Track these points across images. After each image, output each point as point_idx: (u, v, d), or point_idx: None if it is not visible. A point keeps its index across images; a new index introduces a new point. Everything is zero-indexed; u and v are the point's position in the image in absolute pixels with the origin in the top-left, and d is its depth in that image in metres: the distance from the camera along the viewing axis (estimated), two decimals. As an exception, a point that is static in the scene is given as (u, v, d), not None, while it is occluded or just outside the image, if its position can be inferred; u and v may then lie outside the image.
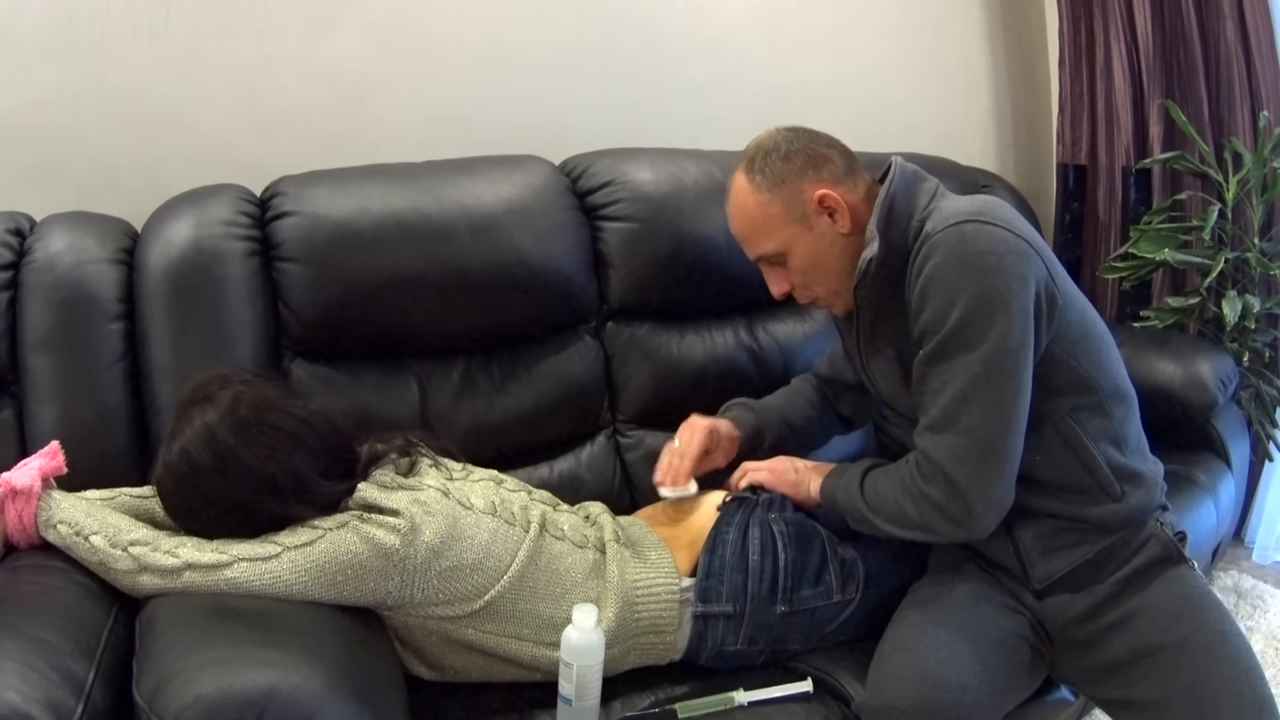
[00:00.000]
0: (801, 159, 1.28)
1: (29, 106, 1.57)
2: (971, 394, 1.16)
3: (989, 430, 1.16)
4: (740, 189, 1.31)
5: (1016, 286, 1.15)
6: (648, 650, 1.31)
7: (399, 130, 1.84)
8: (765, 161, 1.29)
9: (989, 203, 1.21)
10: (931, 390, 1.20)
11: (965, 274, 1.15)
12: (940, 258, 1.17)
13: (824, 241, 1.29)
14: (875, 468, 1.31)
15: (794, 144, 1.29)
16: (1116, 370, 1.29)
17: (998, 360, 1.15)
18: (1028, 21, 2.56)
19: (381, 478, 1.25)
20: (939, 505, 1.19)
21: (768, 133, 1.33)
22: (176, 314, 1.43)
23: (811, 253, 1.30)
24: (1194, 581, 1.25)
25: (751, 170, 1.30)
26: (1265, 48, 2.15)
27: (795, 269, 1.32)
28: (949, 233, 1.17)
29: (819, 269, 1.31)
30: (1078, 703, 1.43)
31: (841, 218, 1.28)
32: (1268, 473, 2.37)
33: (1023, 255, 1.16)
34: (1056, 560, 1.26)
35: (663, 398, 1.75)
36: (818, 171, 1.28)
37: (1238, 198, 2.16)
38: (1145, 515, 1.26)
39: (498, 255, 1.59)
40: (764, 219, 1.29)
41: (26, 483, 1.15)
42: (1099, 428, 1.24)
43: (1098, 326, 1.28)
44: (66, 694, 0.93)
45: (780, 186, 1.28)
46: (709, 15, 2.13)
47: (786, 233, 1.29)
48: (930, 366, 1.19)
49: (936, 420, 1.19)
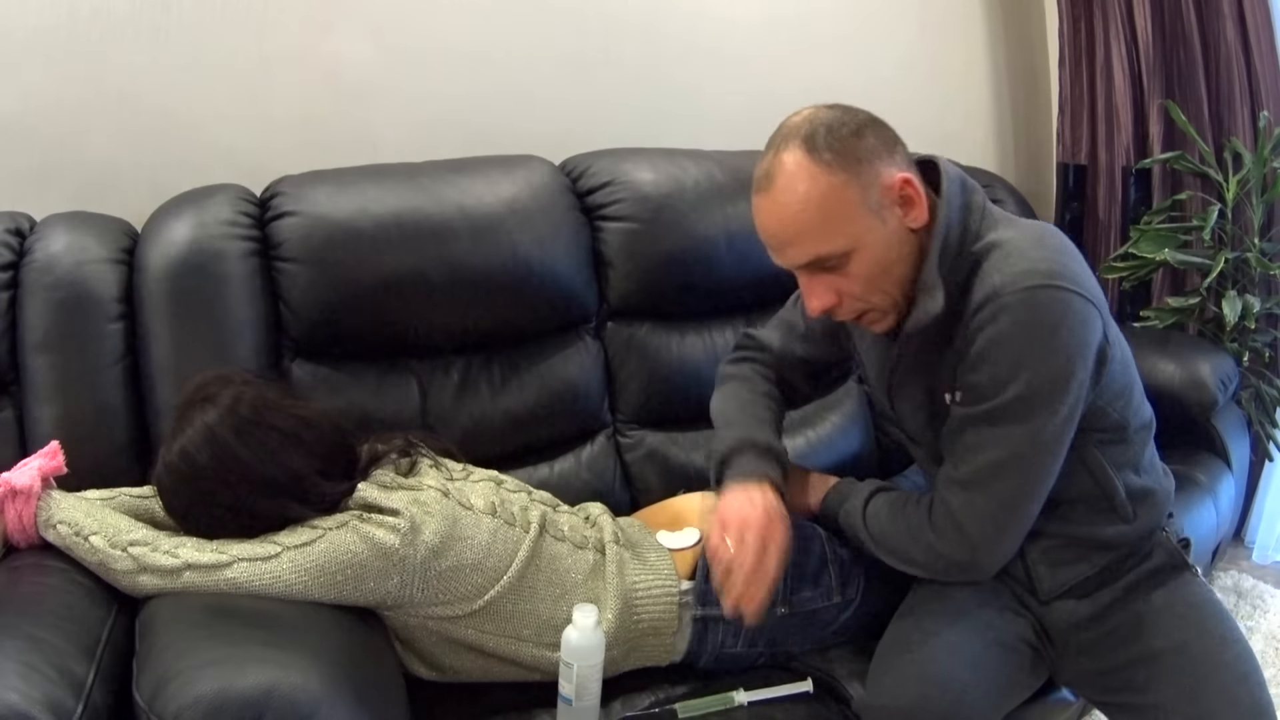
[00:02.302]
0: (874, 137, 1.10)
1: (29, 107, 1.57)
2: (1010, 465, 1.13)
3: (1018, 499, 1.15)
4: (800, 172, 1.08)
5: (1078, 363, 1.09)
6: (647, 652, 1.31)
7: (399, 130, 1.84)
8: (833, 138, 1.08)
9: (1059, 252, 1.11)
10: (968, 445, 1.15)
11: (1032, 349, 1.07)
12: (1008, 325, 1.07)
13: (895, 238, 1.11)
14: (879, 493, 1.29)
15: (860, 120, 1.10)
16: (1143, 401, 1.26)
17: (1043, 438, 1.11)
18: (1028, 21, 2.56)
19: (381, 478, 1.25)
20: (945, 556, 1.18)
21: (813, 110, 1.12)
22: (176, 314, 1.43)
23: (882, 252, 1.10)
24: (1197, 587, 1.25)
25: (815, 148, 1.08)
26: (1265, 48, 2.15)
27: (859, 273, 1.11)
28: (1022, 298, 1.07)
29: (886, 273, 1.12)
30: (1078, 703, 1.43)
31: (920, 208, 1.11)
32: (1268, 473, 2.37)
33: (1090, 324, 1.09)
34: (1063, 574, 1.26)
35: (663, 398, 1.75)
36: (892, 155, 1.10)
37: (1238, 198, 2.16)
38: (1154, 530, 1.26)
39: (498, 255, 1.59)
40: (837, 206, 1.08)
41: (26, 483, 1.15)
42: (1122, 456, 1.23)
43: (1131, 366, 1.23)
44: (66, 694, 0.93)
45: (858, 166, 1.07)
46: (709, 16, 2.13)
47: (860, 225, 1.09)
48: (971, 425, 1.14)
49: (967, 478, 1.15)
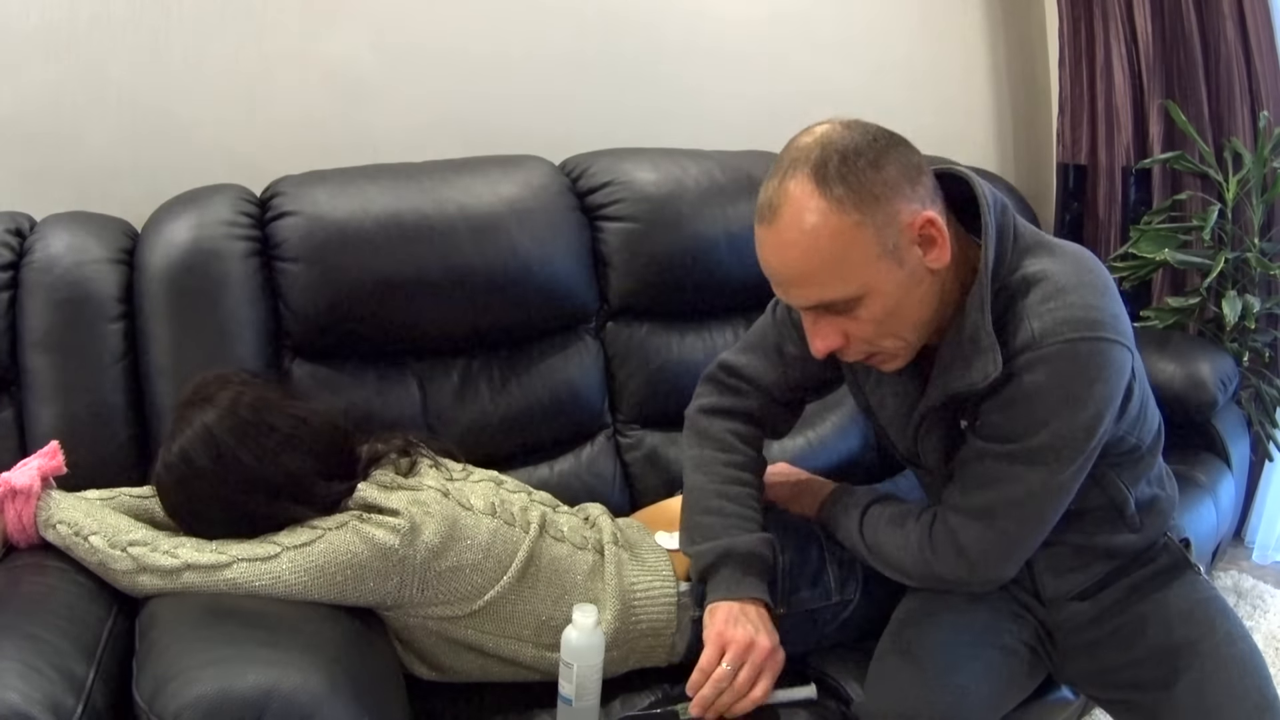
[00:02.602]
0: (896, 169, 0.97)
1: (29, 107, 1.57)
2: (1022, 503, 1.11)
3: (1024, 533, 1.14)
4: (807, 208, 0.96)
5: (1107, 412, 1.06)
6: (647, 653, 1.31)
7: (399, 130, 1.84)
8: (847, 169, 0.95)
9: (1097, 291, 1.04)
10: (981, 478, 1.12)
11: (1065, 401, 1.03)
12: (1045, 377, 1.02)
13: (911, 281, 1.00)
14: (876, 503, 1.28)
15: (879, 147, 0.98)
16: (1156, 419, 1.24)
17: (1060, 481, 1.10)
18: (1028, 22, 2.56)
19: (381, 478, 1.25)
20: (942, 576, 1.18)
21: (828, 128, 0.99)
22: (176, 314, 1.43)
23: (897, 296, 1.00)
24: (1200, 585, 1.25)
25: (826, 180, 0.95)
26: (1265, 48, 2.15)
27: (869, 319, 1.01)
28: (1062, 350, 1.01)
29: (899, 318, 1.02)
30: (1078, 702, 1.43)
31: (942, 249, 1.00)
32: (1268, 473, 2.37)
33: (1124, 372, 1.06)
34: (1068, 580, 1.26)
35: (663, 398, 1.75)
36: (914, 188, 0.98)
37: (1238, 198, 2.16)
38: (1158, 538, 1.26)
39: (498, 255, 1.59)
40: (848, 250, 0.96)
41: (26, 482, 1.15)
42: (1134, 474, 1.22)
43: (1146, 385, 1.19)
44: (66, 694, 0.93)
45: (875, 205, 0.96)
46: (710, 16, 2.13)
47: (873, 269, 0.97)
48: (991, 459, 1.10)
49: (975, 509, 1.13)
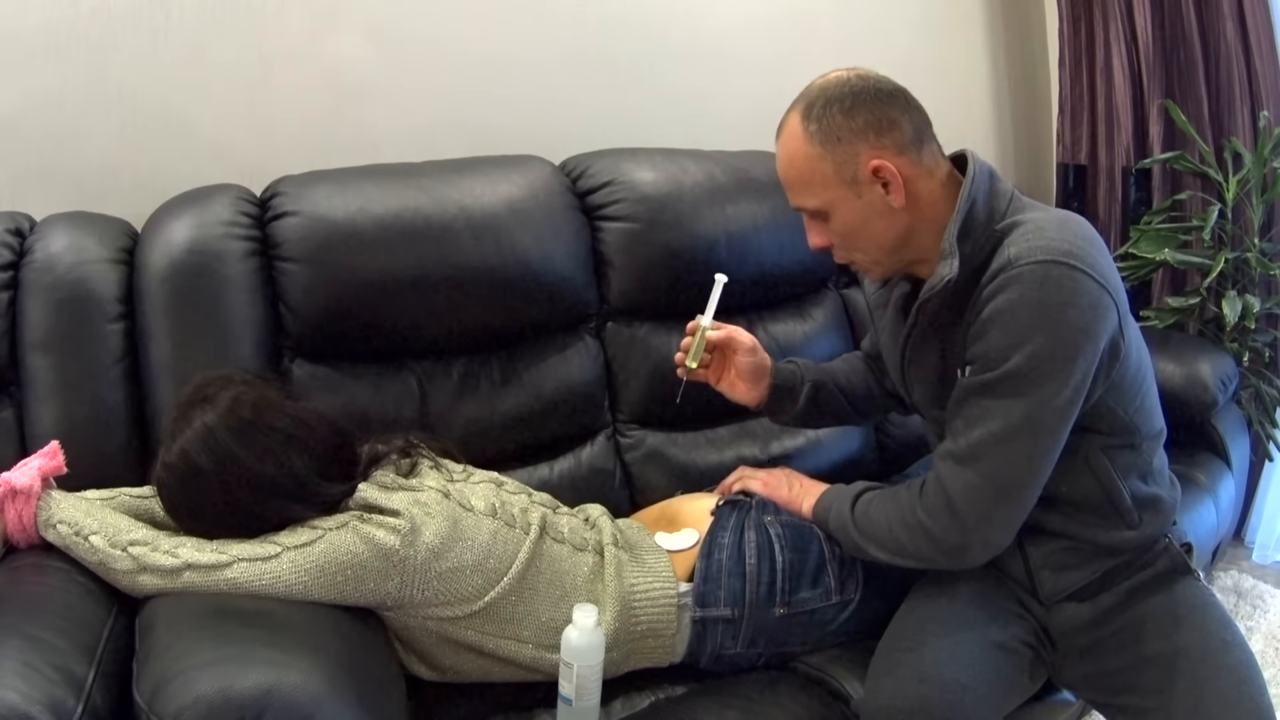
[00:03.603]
0: (864, 118, 1.15)
1: (29, 107, 1.57)
2: (1005, 440, 1.12)
3: (1011, 479, 1.14)
4: (792, 134, 1.19)
5: (1085, 345, 1.09)
6: (647, 653, 1.31)
7: (399, 130, 1.84)
8: (825, 112, 1.16)
9: (1079, 237, 1.12)
10: (966, 418, 1.15)
11: (1039, 322, 1.08)
12: (1017, 295, 1.09)
13: (871, 211, 1.18)
14: (868, 491, 1.30)
15: (861, 98, 1.16)
16: (1157, 410, 1.26)
17: (1041, 416, 1.10)
18: (1028, 21, 2.57)
19: (382, 478, 1.25)
20: (935, 537, 1.17)
21: (836, 74, 1.20)
22: (176, 314, 1.43)
23: (856, 220, 1.19)
24: (1198, 591, 1.25)
25: (808, 117, 1.17)
26: (1265, 48, 2.15)
27: (836, 230, 1.22)
28: (1034, 270, 1.09)
29: (861, 235, 1.21)
30: (1077, 705, 1.43)
31: (896, 192, 1.17)
32: (1268, 473, 2.38)
33: (1101, 310, 1.10)
34: (1066, 578, 1.26)
35: (663, 398, 1.75)
36: (879, 137, 1.16)
37: (1238, 198, 2.16)
38: (1158, 538, 1.26)
39: (498, 255, 1.59)
40: (810, 173, 1.18)
41: (26, 482, 1.15)
42: (1130, 462, 1.22)
43: (1148, 370, 1.23)
44: (66, 694, 0.92)
45: (835, 145, 1.16)
46: (710, 17, 2.13)
47: (833, 194, 1.18)
48: (972, 395, 1.14)
49: (962, 452, 1.15)
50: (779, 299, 1.88)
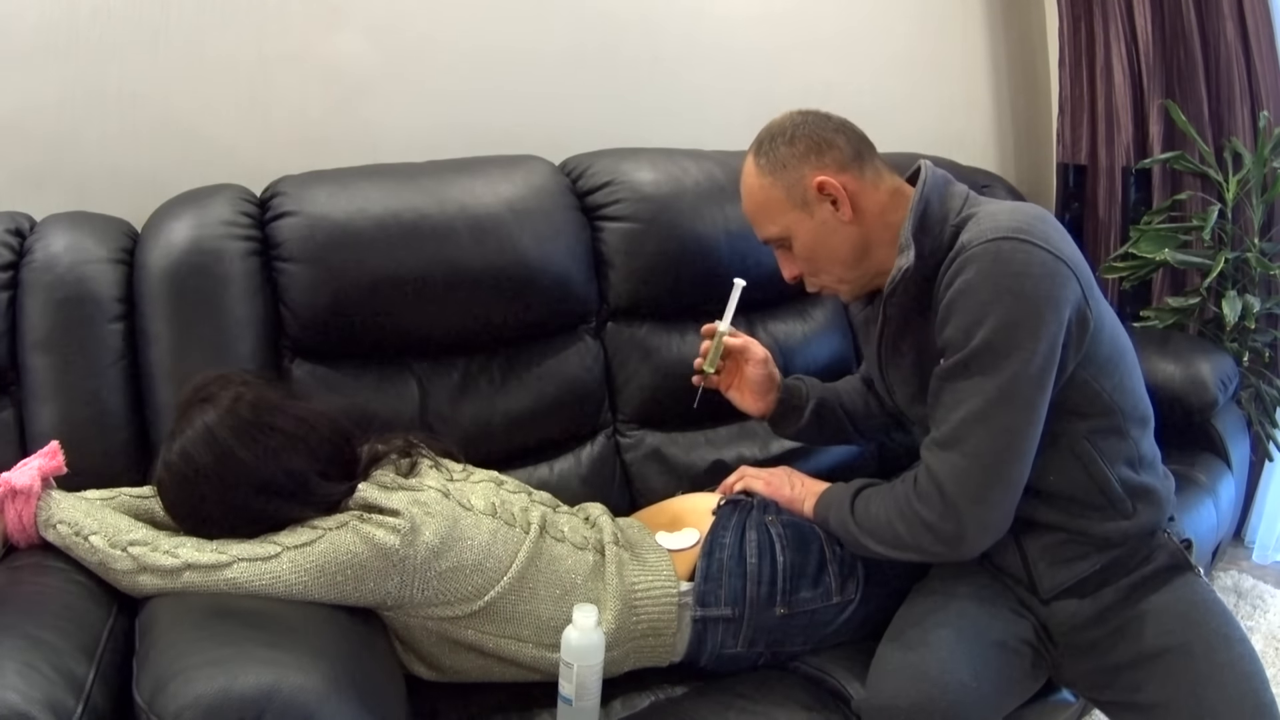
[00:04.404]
0: (805, 144, 1.26)
1: (29, 107, 1.57)
2: (983, 417, 1.14)
3: (995, 456, 1.15)
4: (748, 172, 1.31)
5: (1048, 313, 1.12)
6: (647, 653, 1.31)
7: (399, 130, 1.84)
8: (771, 145, 1.28)
9: (1030, 217, 1.17)
10: (945, 405, 1.18)
11: (996, 295, 1.12)
12: (973, 274, 1.13)
13: (825, 229, 1.27)
14: (867, 488, 1.31)
15: (800, 128, 1.28)
16: (1139, 393, 1.27)
17: (1015, 387, 1.12)
18: (1028, 21, 2.57)
19: (382, 478, 1.25)
20: (932, 526, 1.18)
21: (782, 115, 1.32)
22: (176, 314, 1.43)
23: (812, 239, 1.28)
24: (1199, 588, 1.25)
25: (759, 154, 1.29)
26: (1265, 48, 2.15)
27: (800, 254, 1.31)
28: (985, 248, 1.13)
29: (821, 255, 1.29)
30: (1078, 704, 1.43)
31: (844, 206, 1.25)
32: (1268, 473, 2.38)
33: (1059, 279, 1.13)
34: (1064, 572, 1.26)
35: (663, 398, 1.75)
36: (820, 157, 1.26)
37: (1238, 198, 2.16)
38: (1154, 529, 1.26)
39: (498, 255, 1.59)
40: (766, 202, 1.29)
41: (26, 482, 1.15)
42: (1115, 449, 1.23)
43: (1126, 350, 1.25)
44: (66, 694, 0.92)
45: (781, 171, 1.27)
46: (710, 16, 2.13)
47: (788, 217, 1.28)
48: (947, 381, 1.17)
49: (945, 437, 1.17)
50: (779, 299, 1.88)
